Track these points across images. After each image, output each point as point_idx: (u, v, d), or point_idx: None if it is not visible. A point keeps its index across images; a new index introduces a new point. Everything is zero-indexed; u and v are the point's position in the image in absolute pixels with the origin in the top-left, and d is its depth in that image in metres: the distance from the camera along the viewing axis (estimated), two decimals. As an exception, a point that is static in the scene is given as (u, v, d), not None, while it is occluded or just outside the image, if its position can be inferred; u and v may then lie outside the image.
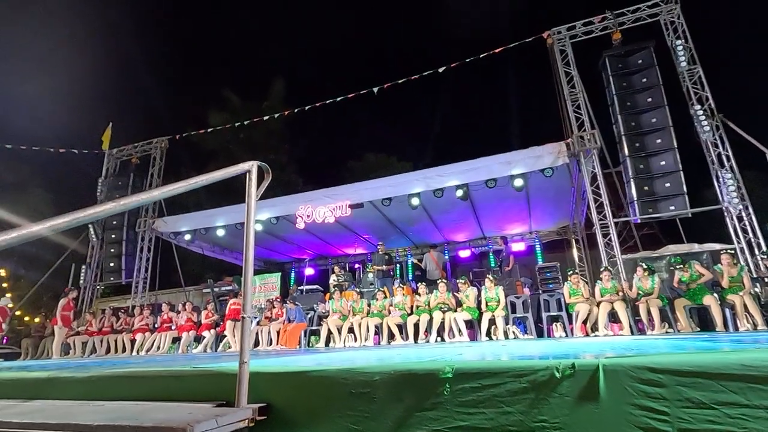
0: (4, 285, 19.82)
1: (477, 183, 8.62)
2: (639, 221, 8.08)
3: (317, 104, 11.51)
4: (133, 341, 9.21)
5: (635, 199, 7.81)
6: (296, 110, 12.19)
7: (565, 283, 7.24)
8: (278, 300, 9.16)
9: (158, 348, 8.94)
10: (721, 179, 7.71)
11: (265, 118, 13.33)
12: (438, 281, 7.80)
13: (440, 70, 10.36)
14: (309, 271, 13.86)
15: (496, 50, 9.80)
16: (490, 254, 13.07)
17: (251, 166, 1.87)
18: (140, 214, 12.05)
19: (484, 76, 30.00)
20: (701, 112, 7.92)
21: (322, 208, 9.43)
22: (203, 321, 9.03)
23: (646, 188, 7.82)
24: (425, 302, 7.67)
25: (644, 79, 8.29)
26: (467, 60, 10.19)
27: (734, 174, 7.60)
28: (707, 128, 7.84)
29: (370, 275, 9.64)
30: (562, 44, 9.23)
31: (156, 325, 9.41)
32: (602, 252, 7.80)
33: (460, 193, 8.73)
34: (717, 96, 8.14)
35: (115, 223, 12.16)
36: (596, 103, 8.89)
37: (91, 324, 9.77)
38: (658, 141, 7.91)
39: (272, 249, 13.54)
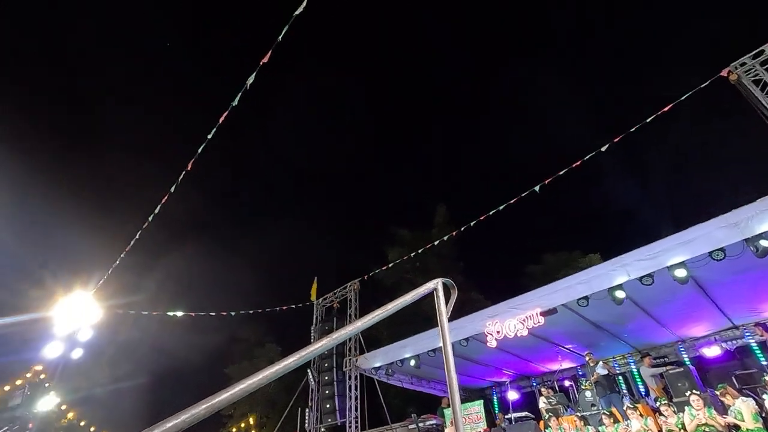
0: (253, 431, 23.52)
1: (697, 258, 6.94)
2: None
3: (481, 218, 11.72)
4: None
5: None
6: (462, 228, 12.59)
7: None
8: (487, 433, 8.27)
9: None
10: None
11: (436, 242, 14.07)
12: (688, 395, 6.00)
13: (602, 149, 9.65)
14: (513, 395, 12.41)
15: (665, 108, 8.77)
16: (752, 347, 9.73)
17: (436, 284, 1.88)
18: (345, 354, 13.20)
19: (658, 140, 26.70)
20: None
21: (511, 320, 8.78)
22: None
23: None
24: (678, 425, 5.87)
25: None
26: (632, 130, 9.33)
27: None
28: None
29: (588, 393, 8.06)
30: (754, 73, 7.72)
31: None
32: None
33: (682, 273, 7.04)
34: None
35: (326, 365, 13.56)
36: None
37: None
38: None
39: (468, 374, 12.81)
